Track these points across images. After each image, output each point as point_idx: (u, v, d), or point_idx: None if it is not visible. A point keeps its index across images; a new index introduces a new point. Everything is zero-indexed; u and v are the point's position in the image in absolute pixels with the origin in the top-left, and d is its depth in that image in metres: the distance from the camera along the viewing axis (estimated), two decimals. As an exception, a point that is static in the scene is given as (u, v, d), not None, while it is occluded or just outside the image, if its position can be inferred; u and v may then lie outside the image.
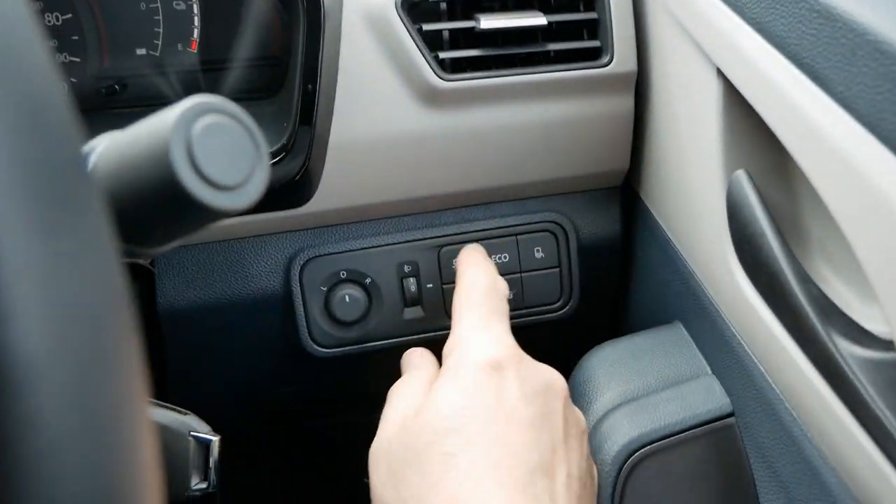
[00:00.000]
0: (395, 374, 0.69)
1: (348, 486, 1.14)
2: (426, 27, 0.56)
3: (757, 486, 0.49)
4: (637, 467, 0.50)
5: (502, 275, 0.63)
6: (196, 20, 0.60)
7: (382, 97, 0.56)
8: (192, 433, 0.44)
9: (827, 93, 0.37)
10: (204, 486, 0.45)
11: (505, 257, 0.63)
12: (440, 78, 0.56)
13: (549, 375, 0.47)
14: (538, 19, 0.57)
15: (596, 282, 0.66)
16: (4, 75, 0.14)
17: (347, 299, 0.61)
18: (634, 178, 0.64)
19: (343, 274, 0.61)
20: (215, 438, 0.45)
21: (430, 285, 0.62)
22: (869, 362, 0.36)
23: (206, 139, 0.26)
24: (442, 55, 0.56)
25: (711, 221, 0.50)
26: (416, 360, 0.53)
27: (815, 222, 0.45)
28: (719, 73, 0.47)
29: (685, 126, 0.53)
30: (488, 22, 0.56)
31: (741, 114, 0.46)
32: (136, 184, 0.26)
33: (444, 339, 0.64)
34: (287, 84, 0.58)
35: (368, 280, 0.62)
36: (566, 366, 0.60)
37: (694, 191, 0.53)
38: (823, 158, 0.37)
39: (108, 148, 0.28)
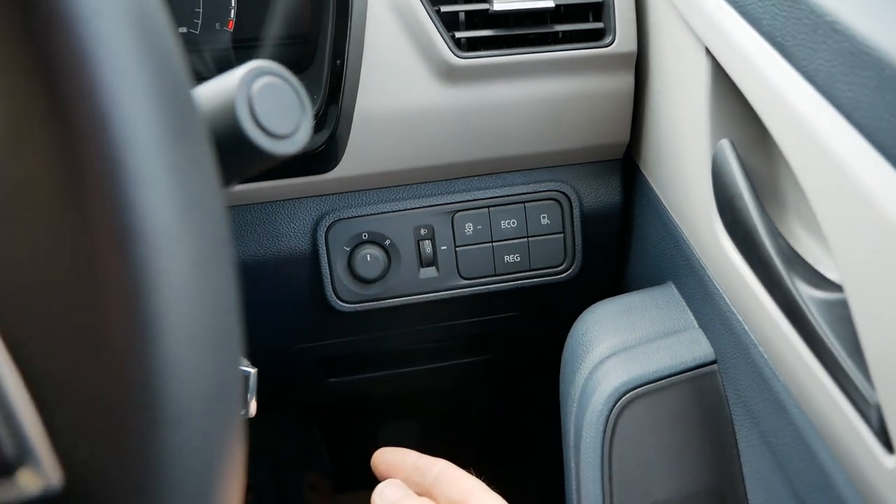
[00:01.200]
0: (411, 330, 0.75)
1: (366, 435, 1.21)
2: (444, 9, 0.62)
3: (734, 423, 0.54)
4: (627, 407, 0.55)
5: (510, 239, 0.69)
6: (233, 1, 0.65)
7: (403, 73, 0.62)
8: (232, 365, 0.50)
9: (794, 67, 0.42)
10: (242, 412, 0.51)
11: (513, 223, 0.69)
12: (456, 56, 0.61)
13: None
14: (547, 2, 0.62)
15: (597, 246, 0.71)
16: (150, 34, 0.19)
17: (369, 258, 0.67)
18: (634, 151, 0.69)
19: (365, 235, 0.67)
20: (253, 371, 0.51)
21: (444, 247, 0.68)
22: (823, 302, 0.41)
23: (263, 96, 0.32)
24: (458, 35, 0.62)
25: (699, 187, 0.55)
26: None
27: (791, 187, 0.51)
28: (707, 52, 0.52)
29: (678, 101, 0.59)
30: (501, 4, 0.61)
31: (726, 89, 0.52)
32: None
33: (456, 298, 0.70)
34: (316, 61, 0.64)
35: (388, 241, 0.67)
36: (569, 324, 0.66)
37: (685, 160, 0.58)
38: (789, 126, 0.42)
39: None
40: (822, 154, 0.39)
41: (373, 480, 0.52)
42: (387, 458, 0.49)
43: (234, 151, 0.32)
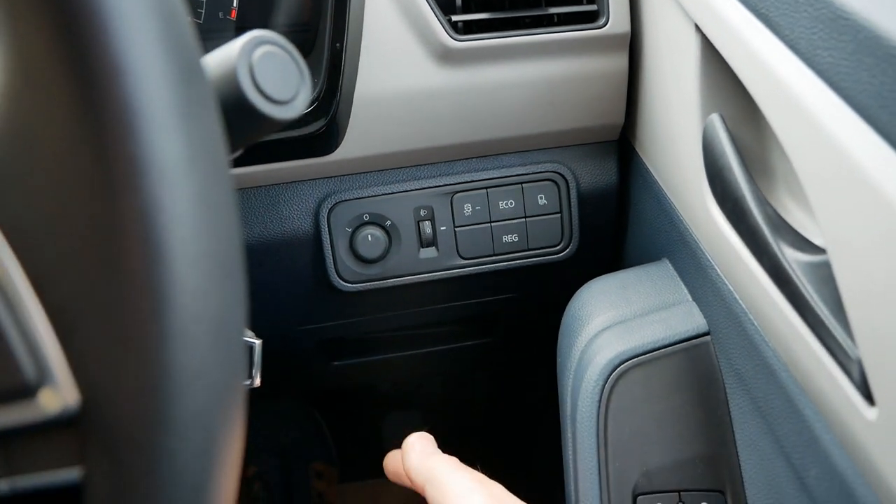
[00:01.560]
0: (411, 310, 0.76)
1: (370, 424, 1.22)
2: (440, -7, 0.63)
3: (727, 391, 0.56)
4: (622, 378, 0.57)
5: (508, 220, 0.71)
6: (236, -10, 0.67)
7: (401, 56, 0.63)
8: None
9: (777, 36, 0.43)
10: (248, 381, 0.52)
11: (511, 203, 0.70)
12: (453, 38, 0.63)
13: None
14: (541, -15, 0.64)
15: (594, 226, 0.73)
16: (167, 14, 0.21)
17: (370, 238, 0.68)
18: (630, 132, 0.71)
19: (366, 217, 0.69)
20: (258, 342, 0.53)
21: (444, 228, 0.70)
22: (808, 265, 0.43)
23: (263, 63, 0.33)
24: (455, 18, 0.63)
25: (691, 163, 0.57)
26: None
27: (779, 158, 0.52)
28: (697, 28, 0.54)
29: (670, 79, 0.60)
30: (496, -12, 0.63)
31: (715, 64, 0.53)
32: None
33: (455, 278, 0.71)
34: (317, 47, 0.65)
35: (388, 222, 0.69)
36: (566, 302, 0.68)
37: (677, 137, 0.60)
38: (774, 94, 0.44)
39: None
40: (805, 120, 0.41)
41: (376, 470, 0.54)
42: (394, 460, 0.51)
43: (237, 117, 0.34)
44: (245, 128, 0.35)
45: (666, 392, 0.57)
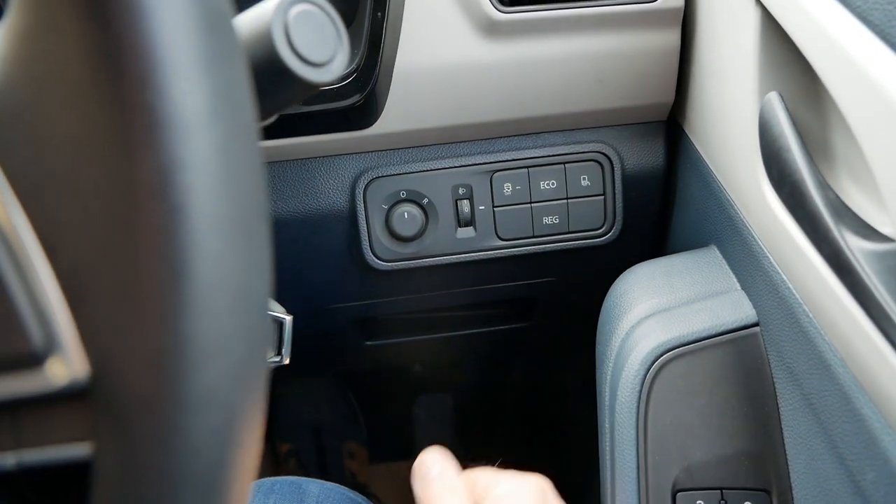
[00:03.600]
0: (447, 291, 0.75)
1: (401, 406, 1.21)
2: (486, -38, 0.61)
3: (776, 385, 0.53)
4: (665, 368, 0.54)
5: (549, 201, 0.69)
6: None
7: (444, 27, 0.61)
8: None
9: (848, 8, 0.40)
10: (277, 359, 0.51)
11: (553, 184, 0.68)
12: (498, 10, 0.60)
13: None
14: (591, -44, 0.61)
15: (638, 210, 0.70)
16: None
17: (406, 216, 0.67)
18: (679, 112, 0.68)
19: (403, 194, 0.67)
20: (288, 318, 0.52)
21: (482, 207, 0.68)
22: (873, 254, 0.40)
23: (299, 23, 0.31)
24: (500, -11, 0.61)
25: (746, 144, 0.54)
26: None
27: (841, 140, 0.49)
28: (757, 2, 0.50)
29: (725, 56, 0.57)
30: (544, -42, 0.60)
31: (776, 39, 0.50)
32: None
33: (493, 260, 0.69)
34: (358, 16, 0.64)
35: (426, 200, 0.67)
36: (606, 290, 0.65)
37: (732, 117, 0.57)
38: (843, 72, 0.41)
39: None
40: (877, 99, 0.38)
41: (405, 451, 0.52)
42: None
43: (271, 79, 0.32)
44: (278, 91, 0.33)
45: (710, 385, 0.54)
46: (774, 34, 0.50)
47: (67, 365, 0.19)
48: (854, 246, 0.41)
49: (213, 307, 0.19)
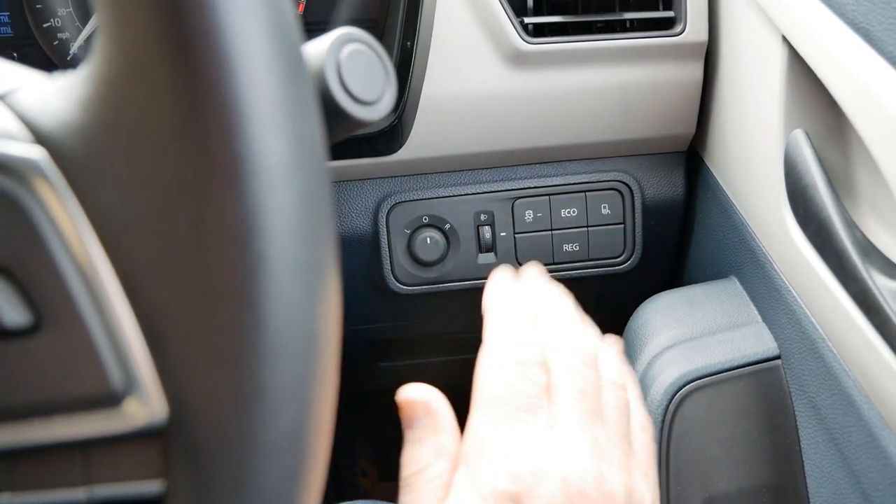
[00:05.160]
0: (466, 316, 0.75)
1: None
2: (513, -6, 0.62)
3: (797, 419, 0.53)
4: (686, 399, 0.55)
5: (570, 228, 0.69)
6: (304, -16, 0.66)
7: (471, 57, 0.62)
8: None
9: (880, 53, 0.41)
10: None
11: (573, 212, 0.69)
12: (525, 41, 0.61)
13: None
14: (617, -10, 0.62)
15: (657, 239, 0.71)
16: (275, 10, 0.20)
17: (428, 241, 0.67)
18: (700, 144, 0.69)
19: (425, 219, 0.68)
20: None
21: (504, 234, 0.68)
22: (902, 294, 0.40)
23: (350, 62, 0.32)
24: (527, 20, 0.62)
25: (769, 179, 0.54)
26: (422, 449, 0.39)
27: (866, 179, 0.50)
28: (784, 40, 0.51)
29: (749, 91, 0.58)
30: (570, -9, 0.61)
31: (802, 78, 0.51)
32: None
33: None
34: (386, 44, 0.64)
35: (448, 226, 0.68)
36: (625, 318, 0.66)
37: (755, 152, 0.57)
38: (873, 114, 0.42)
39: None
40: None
41: None
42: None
43: (323, 116, 0.33)
44: (328, 127, 0.34)
45: (732, 416, 0.55)
46: (801, 73, 0.50)
47: (145, 405, 0.20)
48: (882, 286, 0.41)
49: (290, 353, 0.20)
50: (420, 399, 0.39)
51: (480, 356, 0.38)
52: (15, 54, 0.64)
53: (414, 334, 0.79)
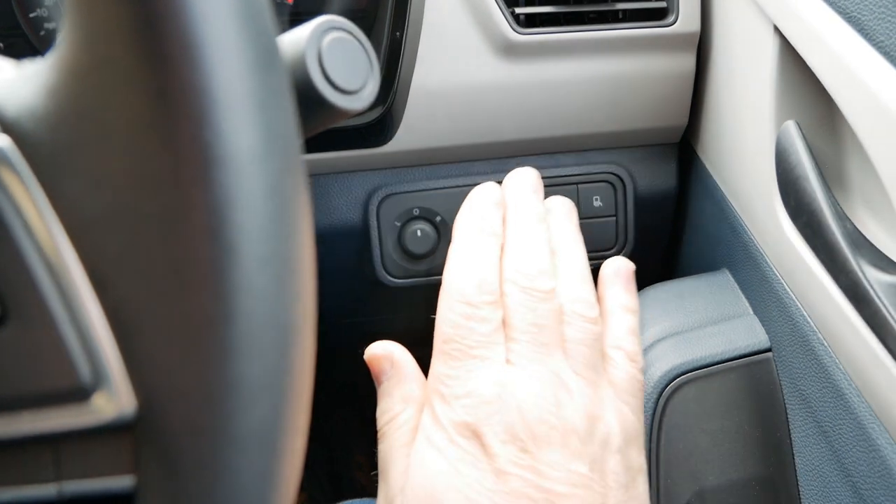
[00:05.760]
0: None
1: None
2: (504, -17, 0.61)
3: (788, 412, 0.53)
4: (677, 392, 0.54)
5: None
6: (294, -26, 0.66)
7: (462, 47, 0.62)
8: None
9: (870, 43, 0.40)
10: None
11: (565, 204, 0.68)
12: (515, 31, 0.61)
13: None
14: (609, -20, 0.61)
15: (650, 231, 0.70)
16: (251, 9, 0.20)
17: (419, 234, 0.67)
18: (692, 135, 0.68)
19: (416, 211, 0.67)
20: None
21: (495, 226, 0.68)
22: (891, 286, 0.40)
23: (332, 51, 0.32)
24: (518, 10, 0.61)
25: (760, 170, 0.54)
26: (391, 399, 0.40)
27: (858, 171, 0.49)
28: (776, 30, 0.51)
29: (741, 82, 0.57)
30: (562, -19, 0.61)
31: (794, 68, 0.50)
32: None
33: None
34: (374, 35, 0.64)
35: (438, 218, 0.67)
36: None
37: (746, 143, 0.57)
38: (864, 105, 0.41)
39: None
40: (898, 132, 0.38)
41: None
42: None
43: (302, 106, 0.32)
44: (309, 117, 0.33)
45: (723, 409, 0.54)
46: (793, 64, 0.50)
47: (114, 399, 0.20)
48: (872, 278, 0.41)
49: (262, 347, 0.19)
50: (384, 353, 0.41)
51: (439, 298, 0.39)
52: (1, 44, 0.64)
53: (404, 326, 0.79)
